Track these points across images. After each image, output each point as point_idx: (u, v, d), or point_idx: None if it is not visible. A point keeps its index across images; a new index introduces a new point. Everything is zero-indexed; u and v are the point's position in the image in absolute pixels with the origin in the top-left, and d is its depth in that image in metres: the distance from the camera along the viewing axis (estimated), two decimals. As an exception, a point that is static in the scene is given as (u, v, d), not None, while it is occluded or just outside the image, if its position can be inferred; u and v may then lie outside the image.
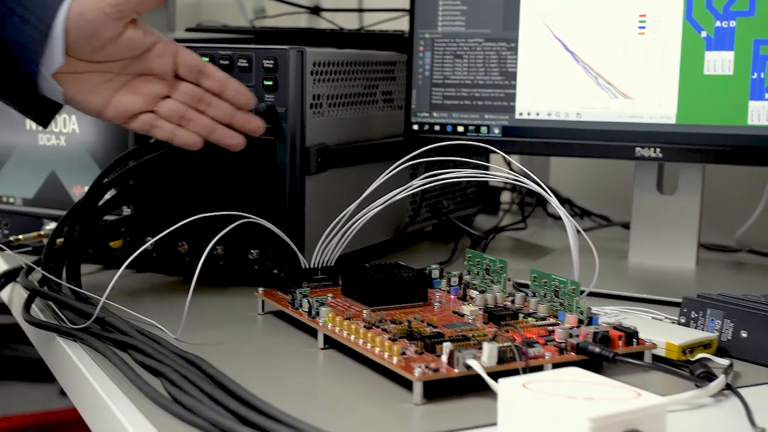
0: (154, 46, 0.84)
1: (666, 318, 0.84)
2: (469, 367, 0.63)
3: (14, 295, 0.97)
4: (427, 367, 0.63)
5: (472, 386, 0.64)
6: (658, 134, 0.98)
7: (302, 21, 1.83)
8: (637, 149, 0.98)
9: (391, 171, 0.83)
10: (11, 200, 1.11)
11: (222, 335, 0.79)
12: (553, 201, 0.79)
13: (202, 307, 0.85)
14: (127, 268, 0.78)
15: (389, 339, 0.69)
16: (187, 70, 0.86)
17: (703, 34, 0.95)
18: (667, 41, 0.96)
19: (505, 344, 0.65)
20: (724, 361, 0.71)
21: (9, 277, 0.96)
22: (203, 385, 0.62)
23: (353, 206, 0.84)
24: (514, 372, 0.64)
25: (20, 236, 1.04)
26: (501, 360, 0.65)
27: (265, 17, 1.88)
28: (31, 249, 1.04)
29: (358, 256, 1.01)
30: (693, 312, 0.78)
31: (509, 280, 0.84)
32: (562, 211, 0.78)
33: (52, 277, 0.86)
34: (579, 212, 1.44)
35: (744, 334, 0.75)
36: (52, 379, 2.30)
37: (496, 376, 0.62)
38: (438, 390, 0.64)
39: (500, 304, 0.80)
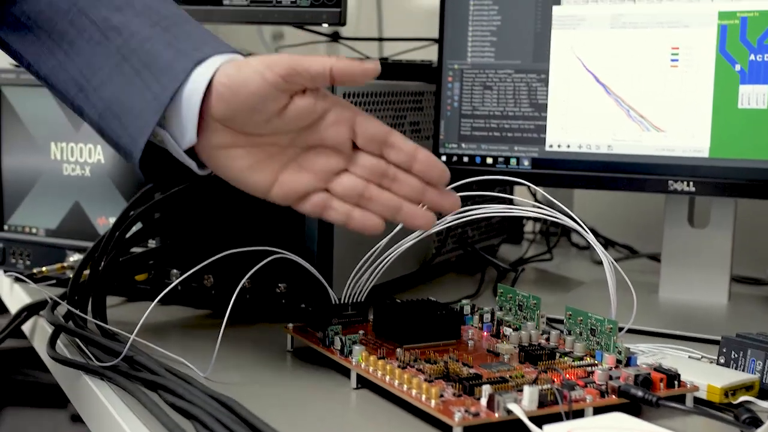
0: (327, 114, 0.72)
1: (704, 357, 0.82)
2: (509, 412, 0.62)
3: (37, 328, 0.95)
4: (466, 411, 0.62)
5: (512, 430, 0.62)
6: (690, 168, 0.96)
7: (321, 48, 1.83)
8: (670, 183, 0.97)
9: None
10: (34, 230, 1.09)
11: (252, 374, 0.77)
12: (590, 238, 0.77)
13: (229, 344, 0.83)
14: (151, 300, 0.76)
15: (425, 380, 0.67)
16: (368, 140, 0.73)
17: (737, 67, 0.93)
18: (700, 74, 0.95)
19: (546, 387, 0.64)
20: (768, 405, 0.69)
21: (32, 310, 0.95)
22: (236, 428, 0.61)
23: (385, 241, 0.82)
24: (555, 415, 0.62)
25: (43, 268, 1.02)
26: (542, 404, 0.63)
27: (284, 46, 1.88)
28: (55, 281, 1.03)
29: (384, 289, 1.00)
30: (733, 352, 0.76)
31: (542, 317, 0.82)
32: (599, 248, 0.76)
33: (79, 312, 0.84)
34: (603, 242, 1.42)
35: (787, 376, 0.73)
36: (63, 405, 2.28)
37: (536, 420, 0.60)
38: (477, 434, 0.63)
39: (535, 343, 0.78)
